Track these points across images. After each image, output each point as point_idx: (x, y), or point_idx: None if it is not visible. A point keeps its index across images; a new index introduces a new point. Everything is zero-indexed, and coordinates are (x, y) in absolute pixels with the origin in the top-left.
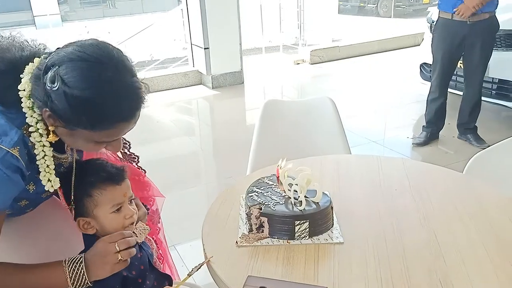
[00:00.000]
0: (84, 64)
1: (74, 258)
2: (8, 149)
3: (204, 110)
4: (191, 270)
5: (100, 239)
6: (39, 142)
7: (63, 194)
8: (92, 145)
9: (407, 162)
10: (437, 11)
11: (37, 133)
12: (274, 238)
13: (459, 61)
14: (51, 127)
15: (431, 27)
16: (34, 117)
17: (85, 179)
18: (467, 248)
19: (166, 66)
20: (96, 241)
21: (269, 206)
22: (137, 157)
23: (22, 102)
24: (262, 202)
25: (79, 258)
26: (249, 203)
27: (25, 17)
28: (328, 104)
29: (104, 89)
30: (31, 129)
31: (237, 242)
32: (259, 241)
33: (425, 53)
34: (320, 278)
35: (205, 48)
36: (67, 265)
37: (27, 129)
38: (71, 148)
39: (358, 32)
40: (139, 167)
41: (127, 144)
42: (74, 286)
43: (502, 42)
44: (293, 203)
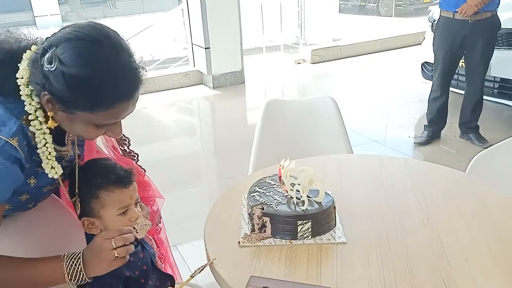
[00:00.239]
0: (81, 43)
1: (73, 254)
2: (6, 139)
3: (205, 110)
4: (194, 272)
5: (98, 234)
6: (39, 130)
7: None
8: (91, 129)
9: (409, 161)
10: (438, 10)
11: (37, 120)
12: (277, 238)
13: (460, 60)
14: (50, 113)
15: (432, 26)
16: (33, 105)
17: (93, 180)
18: (470, 248)
19: (166, 66)
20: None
21: (271, 206)
22: (136, 155)
23: (21, 90)
24: (265, 202)
25: (77, 254)
26: (251, 203)
27: (26, 17)
28: (330, 103)
29: (101, 68)
30: (30, 117)
31: (239, 242)
32: (261, 241)
33: (427, 52)
34: (323, 278)
35: (205, 48)
36: (65, 260)
37: (26, 119)
38: (72, 142)
39: (359, 32)
40: (138, 165)
41: (126, 141)
42: (71, 282)
43: (504, 41)
44: (295, 203)
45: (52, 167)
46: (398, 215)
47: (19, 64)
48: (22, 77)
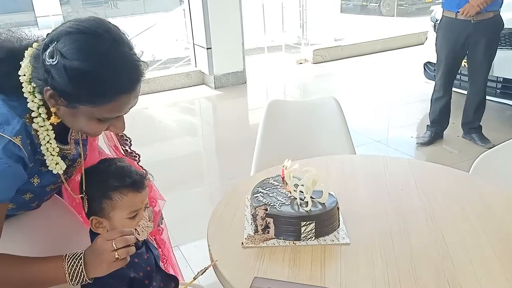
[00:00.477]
0: (82, 36)
1: (75, 254)
2: (10, 138)
3: (206, 110)
4: (197, 274)
5: (99, 235)
6: (42, 126)
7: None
8: (94, 123)
9: (412, 162)
10: (441, 10)
11: (39, 117)
12: (280, 239)
13: (463, 60)
14: (53, 109)
15: (435, 26)
16: (35, 102)
17: (109, 181)
18: (475, 248)
19: (168, 66)
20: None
21: (274, 207)
22: (138, 156)
23: (23, 88)
24: (268, 203)
25: (79, 254)
26: (254, 204)
27: (28, 18)
28: (333, 103)
29: (102, 60)
30: (33, 114)
31: (242, 243)
32: (265, 242)
33: (429, 52)
34: (327, 279)
35: (207, 48)
36: (66, 260)
37: (29, 117)
38: (75, 141)
39: (361, 31)
40: (140, 166)
41: (128, 141)
42: (72, 282)
43: (507, 41)
44: (299, 203)
45: (56, 163)
46: (402, 215)
47: (21, 62)
48: (24, 74)
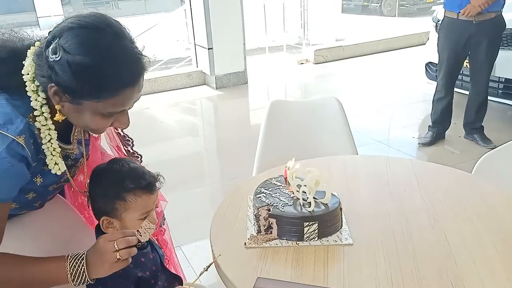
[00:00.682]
0: (84, 31)
1: (77, 254)
2: (13, 137)
3: (208, 111)
4: (201, 272)
5: (101, 236)
6: (44, 125)
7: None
8: (99, 118)
9: (414, 162)
10: (442, 10)
11: (42, 116)
12: (283, 239)
13: (465, 61)
14: (57, 106)
15: (436, 26)
16: (38, 101)
17: (124, 182)
18: (478, 248)
19: (169, 66)
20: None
21: (277, 207)
22: (140, 156)
23: (26, 87)
24: (271, 203)
25: (81, 255)
26: (257, 204)
27: (29, 18)
28: (335, 104)
29: (105, 54)
30: (36, 112)
31: (245, 244)
32: (267, 242)
33: (431, 52)
34: (330, 280)
35: (208, 49)
36: (69, 260)
37: (32, 117)
38: (77, 141)
39: (362, 32)
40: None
41: (130, 141)
42: (74, 282)
43: (509, 41)
44: (301, 204)
45: (55, 163)
46: (405, 216)
47: (23, 62)
48: (28, 73)
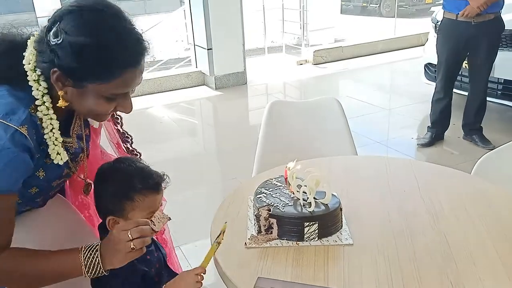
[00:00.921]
0: (84, 13)
1: (91, 246)
2: (16, 127)
3: (207, 111)
4: (216, 239)
5: (115, 226)
6: (46, 115)
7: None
8: (102, 102)
9: (414, 162)
10: (442, 11)
11: (44, 106)
12: (283, 239)
13: (464, 62)
14: (60, 92)
15: (435, 27)
16: (40, 90)
17: (132, 182)
18: (478, 250)
19: (169, 67)
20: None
21: (278, 207)
22: (139, 154)
23: (28, 76)
24: (271, 203)
25: (95, 246)
26: (257, 205)
27: (28, 18)
28: (334, 104)
29: (107, 34)
30: (37, 102)
31: (246, 244)
32: (268, 242)
33: (430, 53)
34: (330, 280)
35: (208, 49)
36: (83, 252)
37: (34, 107)
38: (77, 135)
39: (361, 33)
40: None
41: (129, 138)
42: (88, 274)
43: (508, 42)
44: (302, 204)
45: (58, 153)
46: (405, 216)
47: (24, 53)
48: (29, 63)
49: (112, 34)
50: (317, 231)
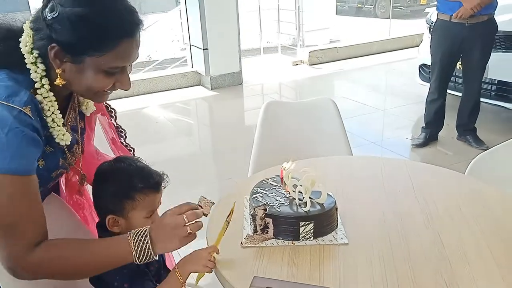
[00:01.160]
0: None
1: (139, 231)
2: (21, 108)
3: (203, 111)
4: (226, 218)
5: (167, 211)
6: (46, 97)
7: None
8: (101, 77)
9: (409, 163)
10: (436, 12)
11: (43, 88)
12: (279, 239)
13: (458, 62)
14: (58, 70)
15: (430, 28)
16: (38, 72)
17: (132, 181)
18: (472, 249)
19: (164, 66)
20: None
21: (273, 207)
22: (133, 149)
23: (25, 59)
24: (267, 203)
25: (143, 231)
26: (253, 204)
27: (24, 17)
28: (329, 105)
29: (102, 4)
30: (37, 85)
31: (241, 243)
32: (264, 242)
33: (424, 54)
34: (325, 279)
35: (204, 49)
36: (132, 237)
37: (33, 91)
38: (71, 127)
39: (356, 33)
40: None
41: (123, 133)
42: (139, 259)
43: (502, 43)
44: (297, 204)
45: (63, 134)
46: (400, 216)
47: (20, 39)
48: (26, 45)
49: (108, 4)
50: (312, 230)
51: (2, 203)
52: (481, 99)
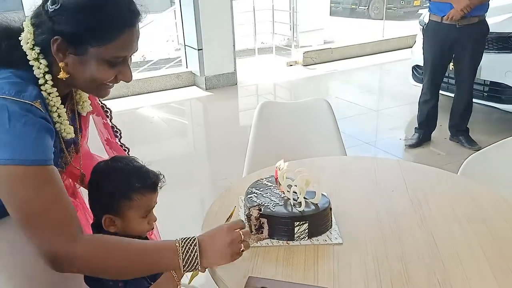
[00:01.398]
0: None
1: (187, 239)
2: (31, 103)
3: (197, 111)
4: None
5: (222, 226)
6: (51, 93)
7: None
8: (105, 68)
9: (402, 163)
10: (428, 13)
11: (47, 84)
12: (274, 239)
13: (450, 63)
14: (61, 63)
15: (423, 29)
16: (41, 68)
17: (130, 181)
18: (465, 249)
19: (159, 67)
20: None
21: (268, 207)
22: (127, 149)
23: (27, 56)
24: (262, 203)
25: (192, 240)
26: (248, 204)
27: (17, 17)
28: (324, 105)
29: None
30: (40, 81)
31: None
32: (258, 242)
33: (418, 55)
34: (320, 279)
35: (198, 49)
36: (181, 245)
37: (38, 87)
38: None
39: (350, 34)
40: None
41: (118, 132)
42: (184, 268)
43: (494, 45)
44: (292, 204)
45: (68, 128)
46: (393, 216)
47: (20, 38)
48: (27, 42)
49: None
50: (307, 230)
51: (31, 195)
52: (474, 100)
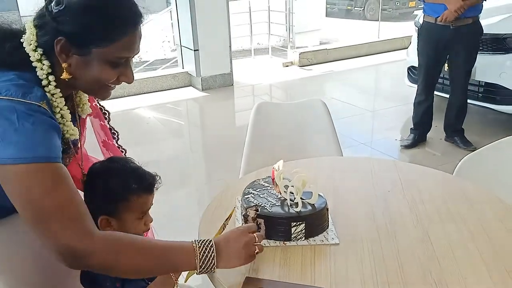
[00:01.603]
0: None
1: (204, 241)
2: (38, 103)
3: (193, 112)
4: (224, 222)
5: (237, 229)
6: (54, 94)
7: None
8: (108, 68)
9: (398, 163)
10: (423, 14)
11: (51, 85)
12: (271, 239)
13: (445, 64)
14: (64, 64)
15: (418, 30)
16: (44, 69)
17: (127, 183)
18: (460, 248)
19: (155, 67)
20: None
21: (265, 207)
22: (124, 151)
23: (30, 57)
24: (259, 203)
25: (208, 242)
26: (245, 205)
27: (12, 17)
28: (320, 106)
29: None
30: (43, 82)
31: None
32: None
33: (413, 56)
34: (317, 279)
35: (194, 50)
36: (198, 246)
37: (42, 88)
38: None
39: (346, 35)
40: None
41: (115, 134)
42: (200, 269)
43: (489, 46)
44: (289, 204)
45: (72, 129)
46: (389, 216)
47: (21, 40)
48: (30, 44)
49: None
50: (304, 231)
51: (46, 192)
52: (469, 101)
